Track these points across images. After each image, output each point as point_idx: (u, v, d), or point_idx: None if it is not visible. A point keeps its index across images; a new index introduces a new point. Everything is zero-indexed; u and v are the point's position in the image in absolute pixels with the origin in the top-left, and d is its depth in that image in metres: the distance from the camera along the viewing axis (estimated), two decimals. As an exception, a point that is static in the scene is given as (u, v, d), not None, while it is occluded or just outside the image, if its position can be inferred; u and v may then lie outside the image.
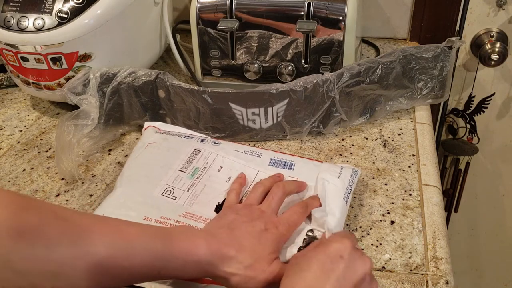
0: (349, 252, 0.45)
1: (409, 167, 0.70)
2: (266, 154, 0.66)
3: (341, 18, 0.77)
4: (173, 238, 0.46)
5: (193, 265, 0.46)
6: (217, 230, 0.50)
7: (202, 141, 0.67)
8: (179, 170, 0.62)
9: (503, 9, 1.00)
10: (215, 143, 0.67)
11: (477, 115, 1.13)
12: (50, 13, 0.74)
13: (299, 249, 0.53)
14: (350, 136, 0.77)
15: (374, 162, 0.71)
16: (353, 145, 0.75)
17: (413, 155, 0.73)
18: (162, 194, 0.59)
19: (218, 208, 0.58)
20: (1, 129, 0.84)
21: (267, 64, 0.83)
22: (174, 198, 0.59)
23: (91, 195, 0.68)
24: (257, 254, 0.48)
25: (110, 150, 0.77)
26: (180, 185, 0.61)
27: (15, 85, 0.94)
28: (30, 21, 0.74)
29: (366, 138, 0.76)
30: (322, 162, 0.65)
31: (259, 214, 0.53)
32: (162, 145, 0.67)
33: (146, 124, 0.74)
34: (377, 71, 0.74)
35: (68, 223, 0.42)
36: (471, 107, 1.13)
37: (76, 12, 0.74)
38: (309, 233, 0.55)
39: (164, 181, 0.61)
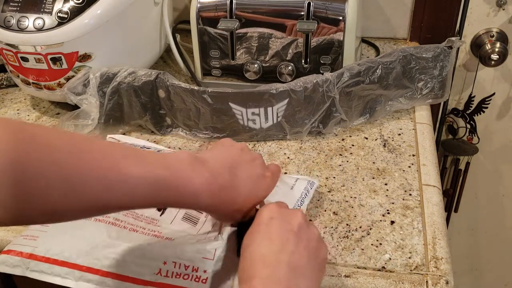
0: (277, 211, 0.48)
1: (409, 167, 0.70)
2: None
3: (341, 18, 0.77)
4: (176, 178, 0.45)
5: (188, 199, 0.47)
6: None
7: (158, 151, 0.66)
8: None
9: (503, 9, 1.00)
10: None
11: (477, 115, 1.13)
12: (50, 13, 0.74)
13: None
14: (350, 136, 0.77)
15: (374, 162, 0.72)
16: (353, 145, 0.75)
17: (413, 155, 0.73)
18: None
19: (160, 209, 0.58)
20: (1, 129, 0.84)
21: (267, 64, 0.83)
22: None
23: (91, 195, 0.68)
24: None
25: (110, 150, 0.77)
26: None
27: (15, 85, 0.94)
28: (30, 21, 0.74)
29: (366, 138, 0.77)
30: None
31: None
32: None
33: (108, 137, 0.72)
34: (377, 71, 0.74)
35: (59, 162, 0.40)
36: (471, 107, 1.12)
37: (76, 12, 0.74)
38: None
39: None
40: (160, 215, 0.57)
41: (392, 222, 0.61)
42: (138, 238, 0.54)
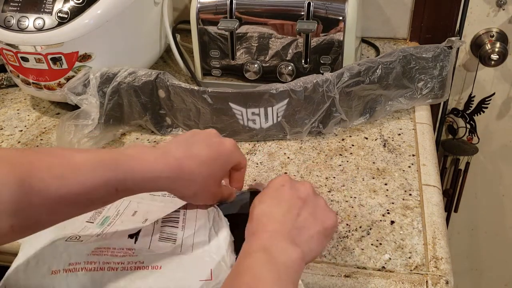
0: (289, 180, 0.52)
1: (409, 167, 0.70)
2: None
3: (341, 18, 0.77)
4: (127, 157, 0.46)
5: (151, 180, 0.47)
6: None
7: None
8: (87, 221, 0.55)
9: (503, 9, 1.00)
10: None
11: (477, 115, 1.13)
12: (50, 13, 0.74)
13: None
14: (350, 136, 0.77)
15: (374, 162, 0.72)
16: (353, 145, 0.75)
17: (413, 155, 0.73)
18: (66, 240, 0.51)
19: (133, 236, 0.52)
20: (1, 129, 0.84)
21: (267, 64, 0.83)
22: (81, 241, 0.51)
23: (91, 195, 0.68)
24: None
25: (110, 150, 0.77)
26: (88, 233, 0.53)
27: (15, 85, 0.94)
28: (30, 21, 0.74)
29: (366, 138, 0.77)
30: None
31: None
32: None
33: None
34: (377, 71, 0.74)
35: (11, 164, 0.42)
36: (471, 107, 1.12)
37: (76, 12, 0.74)
38: None
39: (69, 230, 0.53)
40: (135, 243, 0.52)
41: (392, 222, 0.61)
42: (121, 277, 0.48)
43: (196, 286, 0.47)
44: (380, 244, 0.58)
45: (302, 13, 0.78)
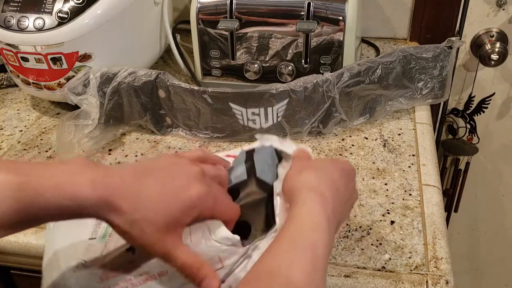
0: (354, 178, 0.51)
1: (409, 167, 0.70)
2: None
3: (341, 18, 0.77)
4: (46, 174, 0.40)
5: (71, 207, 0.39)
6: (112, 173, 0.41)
7: None
8: (89, 239, 0.52)
9: (503, 9, 1.00)
10: None
11: (477, 115, 1.13)
12: (50, 13, 0.74)
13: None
14: (350, 136, 0.77)
15: (374, 162, 0.72)
16: (353, 145, 0.75)
17: (413, 155, 0.73)
18: (74, 272, 0.49)
19: (129, 249, 0.49)
20: (1, 129, 0.84)
21: (267, 64, 0.83)
22: (88, 267, 0.49)
23: (91, 195, 0.68)
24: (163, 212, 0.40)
25: (110, 150, 0.77)
26: (92, 253, 0.50)
27: (15, 85, 0.94)
28: (30, 21, 0.74)
29: (366, 138, 0.77)
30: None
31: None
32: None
33: None
34: (377, 71, 0.74)
35: None
36: (471, 107, 1.12)
37: (76, 12, 0.74)
38: None
39: (75, 258, 0.51)
40: (133, 254, 0.49)
41: (392, 222, 0.61)
42: None
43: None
44: (380, 244, 0.58)
45: (302, 13, 0.78)
